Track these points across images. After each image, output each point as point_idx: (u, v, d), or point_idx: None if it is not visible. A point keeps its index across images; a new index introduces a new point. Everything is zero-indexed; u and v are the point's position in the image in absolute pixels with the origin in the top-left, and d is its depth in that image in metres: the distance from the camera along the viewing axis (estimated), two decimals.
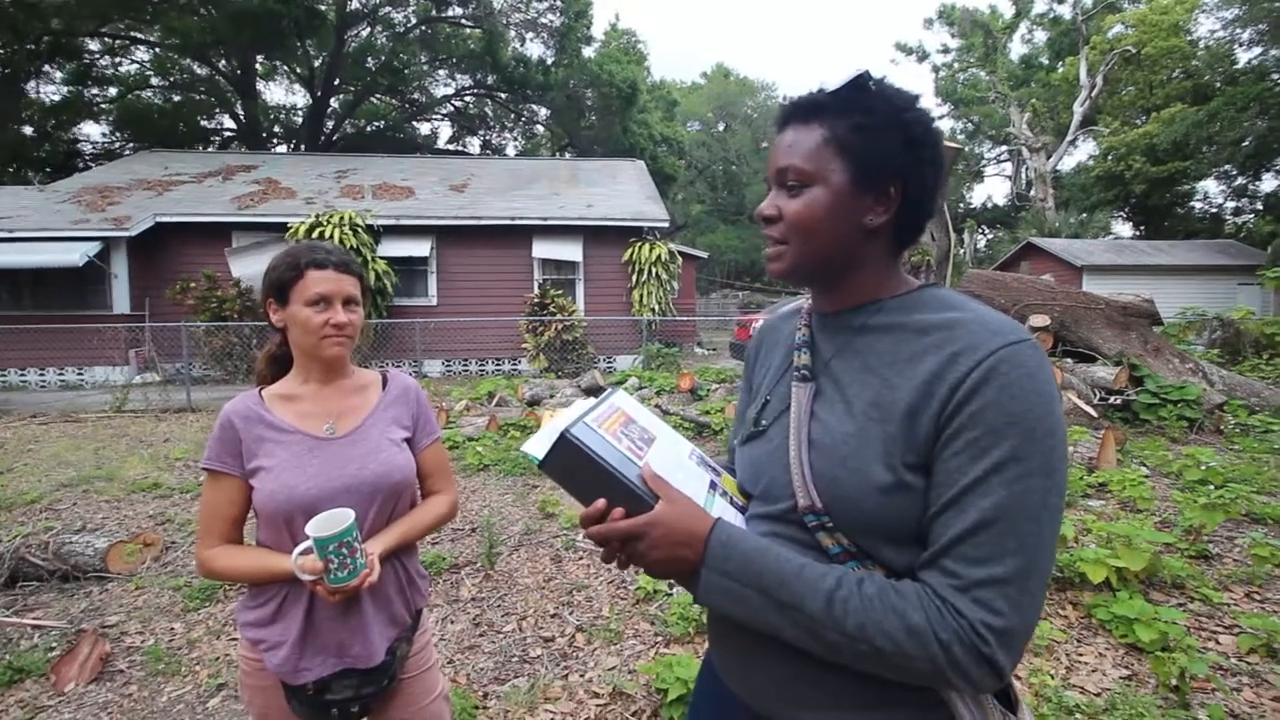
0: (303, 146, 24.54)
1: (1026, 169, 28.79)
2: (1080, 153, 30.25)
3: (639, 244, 12.56)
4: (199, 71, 23.55)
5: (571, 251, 12.70)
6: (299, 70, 24.62)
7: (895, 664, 0.63)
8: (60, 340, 10.89)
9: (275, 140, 26.86)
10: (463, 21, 24.26)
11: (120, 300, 11.64)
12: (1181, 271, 17.89)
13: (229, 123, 25.65)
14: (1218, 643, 2.53)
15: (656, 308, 12.42)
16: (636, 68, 26.99)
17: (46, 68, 20.67)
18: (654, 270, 12.38)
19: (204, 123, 25.33)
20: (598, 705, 2.24)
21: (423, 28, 24.26)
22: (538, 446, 0.72)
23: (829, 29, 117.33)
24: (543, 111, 28.37)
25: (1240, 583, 3.00)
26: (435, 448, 1.39)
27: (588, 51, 25.60)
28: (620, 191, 14.72)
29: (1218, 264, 18.21)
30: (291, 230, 11.36)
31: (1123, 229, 28.38)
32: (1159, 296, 8.21)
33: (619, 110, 25.28)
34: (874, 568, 0.70)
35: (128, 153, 20.47)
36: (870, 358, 0.74)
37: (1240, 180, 22.81)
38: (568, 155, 26.51)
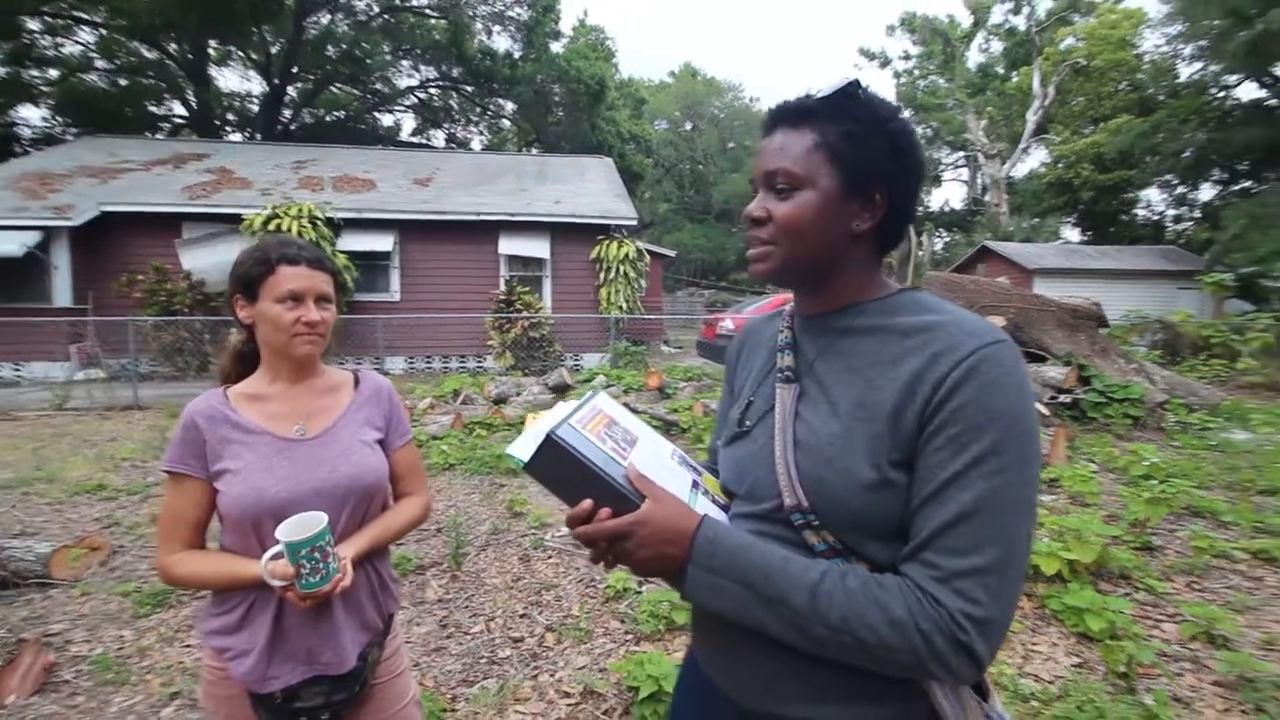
0: (258, 135, 23.72)
1: (982, 174, 29.76)
2: (1033, 160, 31.38)
3: (607, 242, 12.54)
4: (148, 55, 22.50)
5: (539, 248, 12.60)
6: (255, 56, 23.79)
7: (878, 655, 0.64)
8: None
9: (229, 128, 25.91)
10: (427, 11, 23.80)
11: (62, 293, 11.08)
12: (1126, 276, 18.73)
13: (180, 109, 24.64)
14: (1162, 630, 2.66)
15: (624, 305, 12.42)
16: (604, 64, 26.89)
17: None
18: (622, 268, 12.38)
19: (152, 108, 24.24)
20: (568, 705, 2.24)
21: (386, 16, 23.71)
22: (523, 449, 0.72)
23: (795, 32, 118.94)
24: (509, 106, 28.03)
25: (1182, 573, 3.16)
26: (408, 449, 1.37)
27: (556, 47, 25.40)
28: (588, 189, 14.66)
29: (1159, 269, 19.12)
30: (246, 222, 10.98)
31: (1072, 234, 29.54)
32: (1105, 299, 8.58)
33: (587, 107, 25.15)
34: (858, 564, 0.71)
35: (69, 138, 19.46)
36: (853, 359, 0.76)
37: (1181, 189, 23.97)
38: (535, 151, 26.26)
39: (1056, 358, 6.96)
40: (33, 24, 20.27)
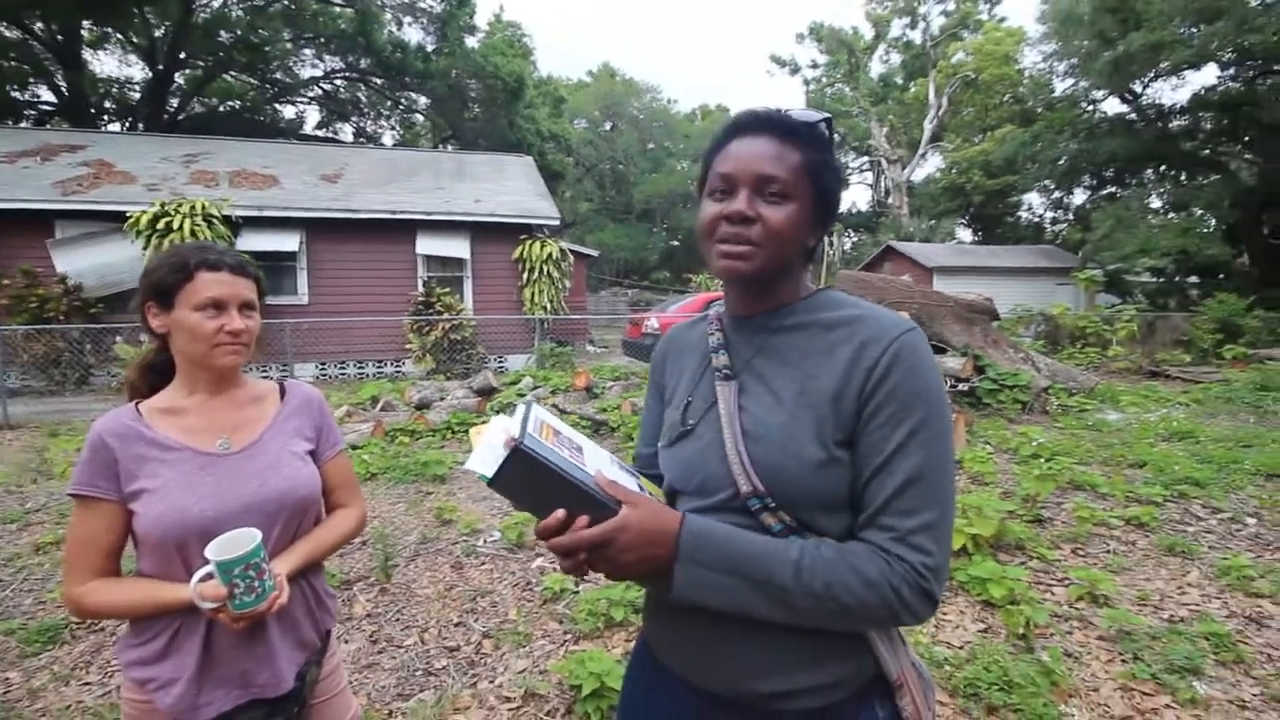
0: (141, 125, 21.75)
1: (885, 178, 31.59)
2: (930, 165, 33.60)
3: (530, 241, 12.39)
4: (9, 35, 20.10)
5: (459, 248, 12.28)
6: (136, 40, 21.77)
7: (857, 615, 0.73)
8: None
9: (107, 117, 23.61)
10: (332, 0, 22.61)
11: None
12: (1012, 273, 20.41)
13: (48, 95, 22.19)
14: (1053, 593, 2.95)
15: (549, 306, 12.31)
16: (523, 61, 26.47)
17: None
18: (545, 268, 12.26)
19: (15, 94, 21.69)
20: (510, 709, 2.22)
21: (285, 1, 22.30)
22: (484, 464, 0.69)
23: (710, 38, 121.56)
24: (422, 100, 27.06)
25: (1068, 541, 3.52)
26: (340, 459, 1.33)
27: (471, 41, 24.75)
28: (509, 188, 14.41)
29: (1040, 266, 20.96)
30: (131, 220, 10.06)
31: (965, 234, 31.87)
32: (995, 294, 9.32)
33: (505, 104, 24.68)
34: (812, 537, 0.78)
35: None
36: (789, 354, 0.84)
37: (1057, 194, 26.35)
38: (450, 148, 25.49)
39: (955, 349, 7.51)
40: None
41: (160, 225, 10.01)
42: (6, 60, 20.61)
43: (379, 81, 25.74)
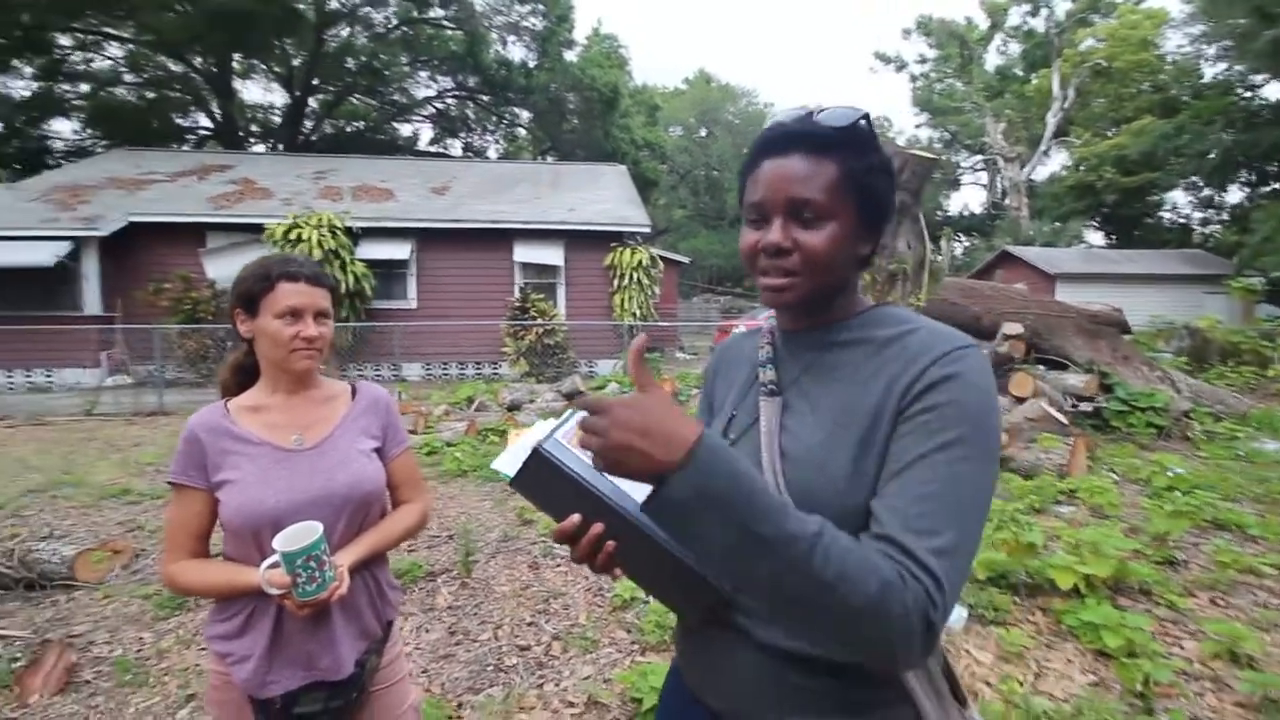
0: (280, 146, 24.19)
1: (1002, 178, 29.39)
2: (1053, 163, 30.98)
3: (620, 249, 12.58)
4: (174, 68, 23.09)
5: (553, 255, 12.68)
6: (277, 69, 24.30)
7: (855, 626, 0.61)
8: (29, 341, 10.61)
9: (252, 139, 26.46)
10: (444, 23, 24.14)
11: (91, 301, 11.38)
12: (1150, 280, 18.37)
13: (205, 121, 25.22)
14: (1182, 648, 2.59)
15: (638, 312, 12.44)
16: (618, 72, 27.03)
17: (15, 62, 20.14)
18: (635, 275, 12.41)
19: (179, 121, 24.86)
20: (573, 714, 2.24)
21: (404, 28, 24.08)
22: (508, 464, 0.72)
23: (809, 37, 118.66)
24: (524, 114, 28.31)
25: (1205, 588, 3.08)
26: (405, 457, 1.39)
27: (570, 55, 25.61)
28: (602, 196, 14.74)
29: (1185, 273, 18.72)
30: (268, 231, 11.20)
31: (1094, 238, 29.07)
32: (1129, 305, 8.43)
33: (601, 114, 25.30)
34: None
35: (99, 150, 20.00)
36: (838, 370, 0.78)
37: (1207, 191, 23.49)
38: (549, 159, 26.45)
39: (1078, 365, 6.84)
40: (64, 40, 20.93)
41: (292, 235, 11.09)
42: (172, 91, 23.66)
43: (485, 98, 27.18)
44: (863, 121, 0.77)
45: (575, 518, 0.71)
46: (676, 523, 0.63)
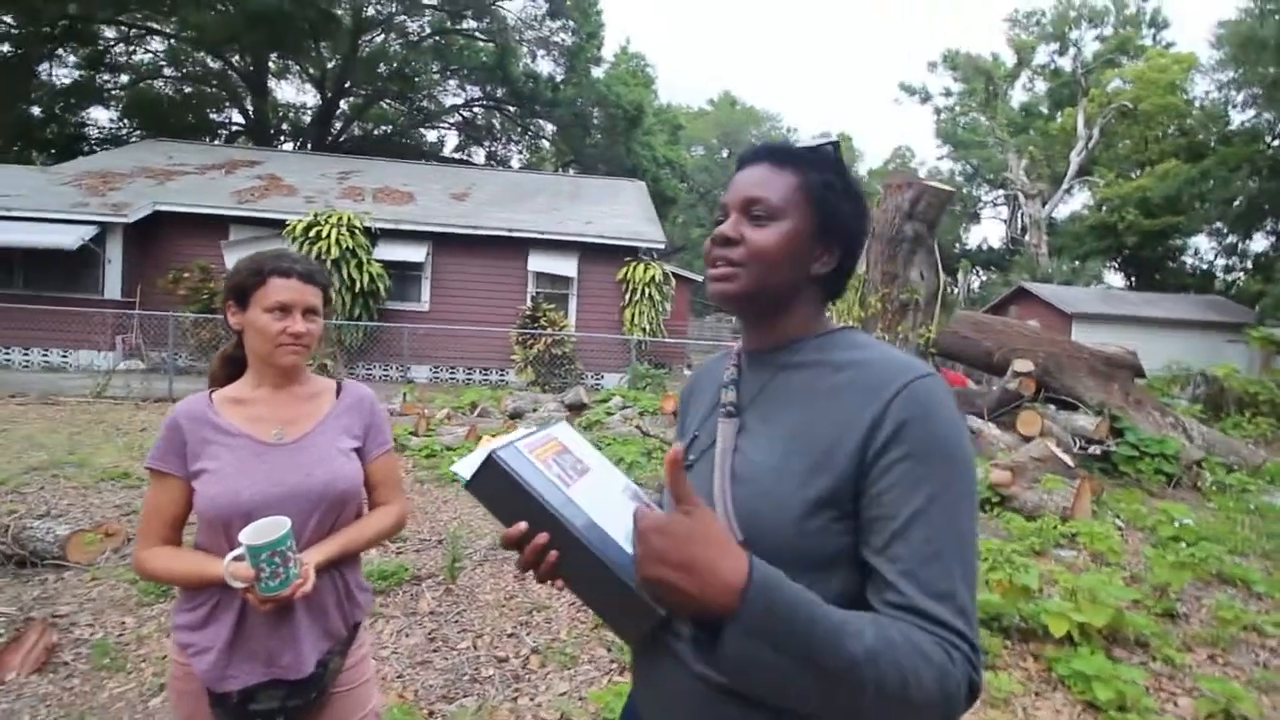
0: (309, 145, 24.64)
1: (1022, 214, 29.26)
2: (1075, 201, 30.83)
3: (634, 263, 12.63)
4: (212, 65, 23.70)
5: (566, 267, 12.75)
6: (311, 71, 24.83)
7: (920, 712, 0.59)
8: (48, 321, 10.80)
9: (282, 138, 26.97)
10: (476, 35, 24.59)
11: (112, 286, 11.57)
12: (1170, 325, 18.14)
13: (238, 117, 25.78)
14: (1176, 705, 2.52)
15: (647, 328, 12.45)
16: (644, 90, 27.37)
17: (60, 51, 20.73)
18: (647, 290, 12.44)
19: (213, 115, 25.42)
20: None
21: (437, 37, 24.56)
22: (466, 468, 0.73)
23: (836, 64, 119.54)
24: (549, 127, 28.66)
25: (1205, 644, 3.00)
26: (385, 458, 1.38)
27: (597, 72, 25.97)
28: (619, 211, 14.83)
29: (1206, 319, 18.47)
30: (289, 228, 11.37)
31: (1114, 279, 28.80)
32: (1146, 348, 8.32)
33: (624, 131, 25.56)
34: None
35: (134, 140, 20.48)
36: (792, 393, 0.78)
37: (1231, 238, 23.24)
38: (571, 171, 26.71)
39: (1088, 406, 6.74)
40: (109, 31, 21.53)
41: (312, 233, 11.24)
42: (209, 86, 24.24)
43: (512, 109, 27.57)
44: (829, 147, 0.81)
45: (521, 525, 0.71)
46: (741, 664, 0.59)
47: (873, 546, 0.67)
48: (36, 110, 21.34)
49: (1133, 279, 27.86)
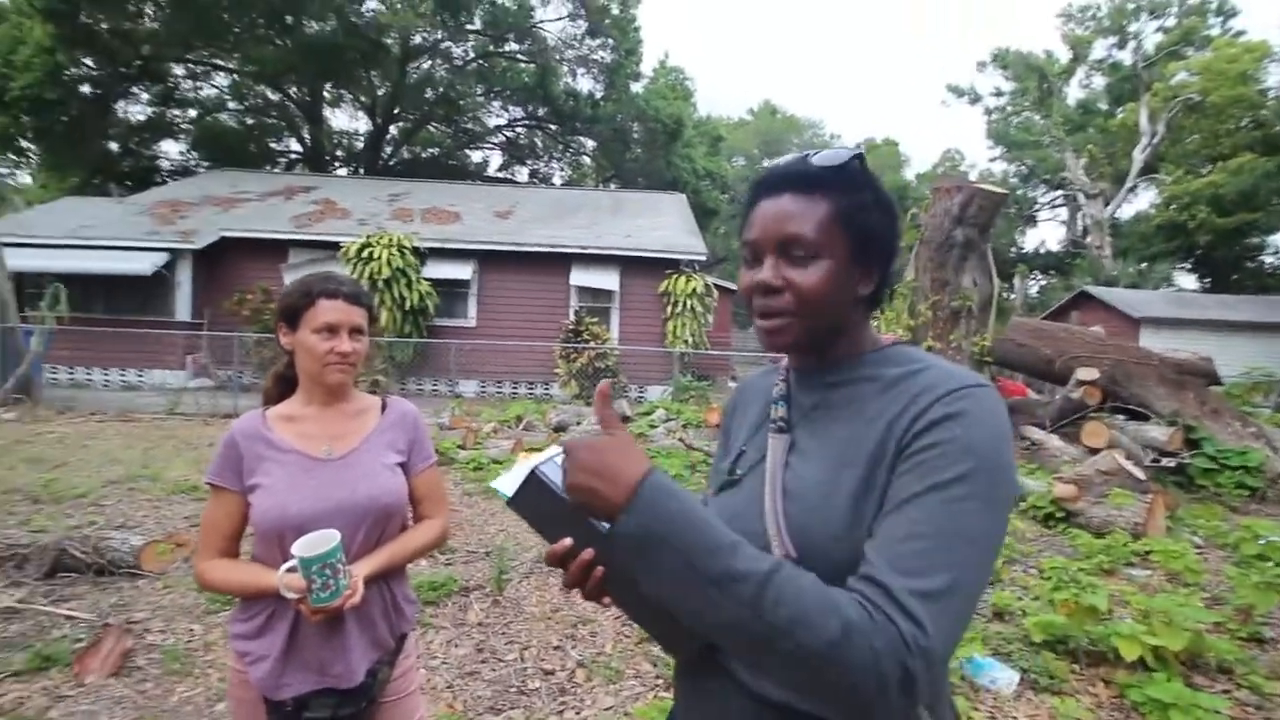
0: (361, 170, 25.68)
1: (1083, 215, 28.01)
2: (1140, 200, 29.36)
3: (676, 276, 12.64)
4: (271, 97, 25.02)
5: (608, 280, 12.86)
6: (363, 99, 25.92)
7: (817, 666, 0.57)
8: (125, 343, 11.53)
9: (337, 163, 28.18)
10: (518, 56, 25.22)
11: (183, 308, 12.28)
12: (1248, 328, 17.00)
13: (295, 145, 27.12)
14: None
15: (690, 340, 12.41)
16: (682, 104, 27.49)
17: (134, 89, 22.27)
18: (689, 302, 12.42)
19: (273, 144, 26.81)
20: None
21: (480, 61, 25.31)
22: (508, 484, 0.73)
23: (878, 68, 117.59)
24: (589, 143, 29.07)
25: None
26: (429, 473, 1.41)
27: (636, 87, 26.23)
28: (660, 224, 14.90)
29: None
30: (344, 250, 11.85)
31: (1186, 280, 27.24)
32: (1223, 354, 7.83)
33: (664, 144, 25.71)
34: None
35: (201, 170, 21.77)
36: (844, 409, 0.77)
37: None
38: (612, 186, 27.02)
39: (1160, 416, 6.37)
40: (178, 69, 23.02)
41: (364, 254, 11.69)
42: (269, 117, 25.59)
43: (553, 128, 28.12)
44: (855, 161, 0.77)
45: (566, 542, 0.71)
46: (630, 562, 0.65)
47: (869, 528, 0.66)
48: (114, 145, 22.93)
49: (1207, 280, 26.29)
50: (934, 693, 0.68)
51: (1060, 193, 32.70)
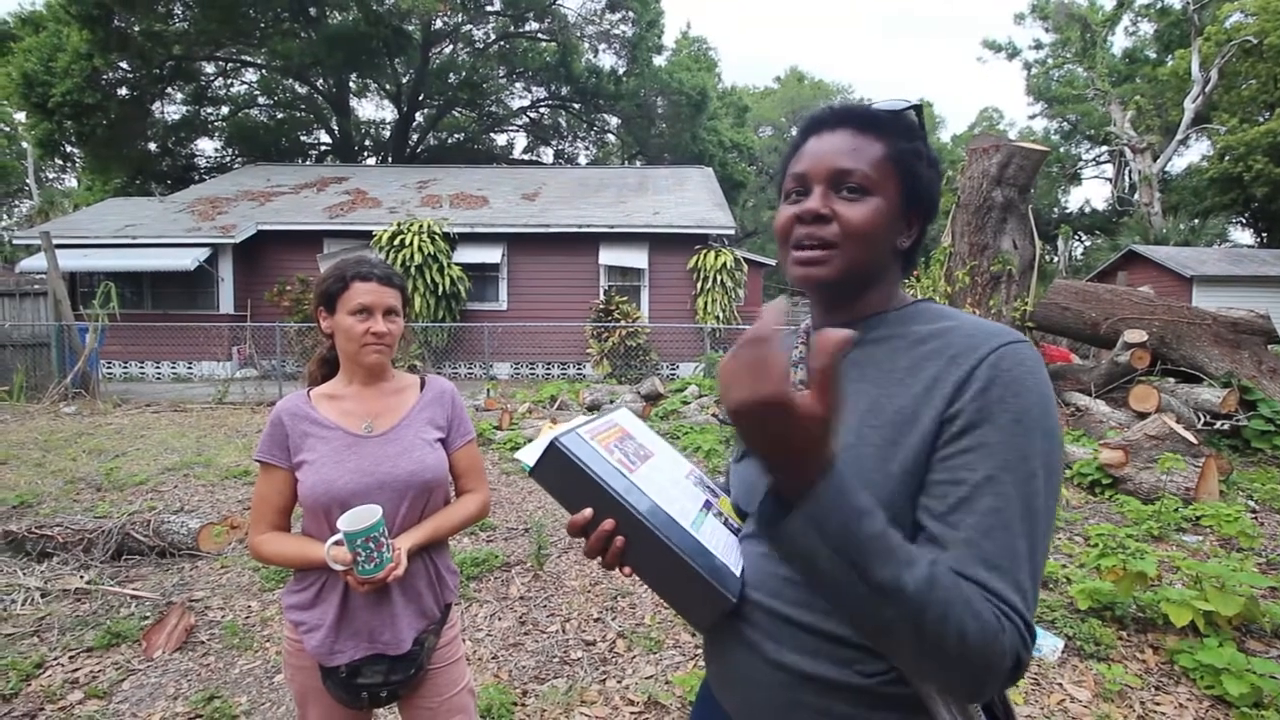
0: (389, 158, 25.95)
1: (1130, 171, 26.72)
2: (1192, 153, 27.89)
3: (704, 251, 12.52)
4: (299, 90, 25.38)
5: (637, 259, 12.81)
6: (388, 87, 26.07)
7: (955, 663, 0.57)
8: (173, 337, 11.99)
9: (365, 153, 28.52)
10: (539, 36, 25.00)
11: (225, 301, 12.69)
12: None
13: (325, 137, 27.49)
14: None
15: (720, 315, 12.32)
16: (706, 75, 26.96)
17: (169, 90, 22.82)
18: (719, 278, 12.30)
19: (303, 137, 27.25)
20: (632, 713, 2.25)
21: (501, 43, 25.17)
22: (530, 454, 0.75)
23: (909, 28, 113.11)
24: (614, 121, 28.76)
25: None
26: (468, 448, 1.45)
27: (658, 60, 25.79)
28: (687, 199, 14.73)
29: None
30: (376, 238, 12.04)
31: (1242, 236, 25.85)
32: None
33: (688, 118, 25.29)
34: None
35: (236, 166, 22.29)
36: (868, 369, 0.75)
37: None
38: (638, 163, 26.76)
39: (1213, 378, 6.12)
40: (209, 68, 23.49)
41: (396, 241, 11.86)
42: (298, 111, 25.98)
43: (576, 106, 27.88)
44: (912, 112, 0.77)
45: (587, 512, 0.72)
46: (787, 549, 0.61)
47: (932, 511, 0.64)
48: (153, 146, 23.60)
49: (1264, 235, 24.92)
50: None
51: (1105, 148, 31.16)
